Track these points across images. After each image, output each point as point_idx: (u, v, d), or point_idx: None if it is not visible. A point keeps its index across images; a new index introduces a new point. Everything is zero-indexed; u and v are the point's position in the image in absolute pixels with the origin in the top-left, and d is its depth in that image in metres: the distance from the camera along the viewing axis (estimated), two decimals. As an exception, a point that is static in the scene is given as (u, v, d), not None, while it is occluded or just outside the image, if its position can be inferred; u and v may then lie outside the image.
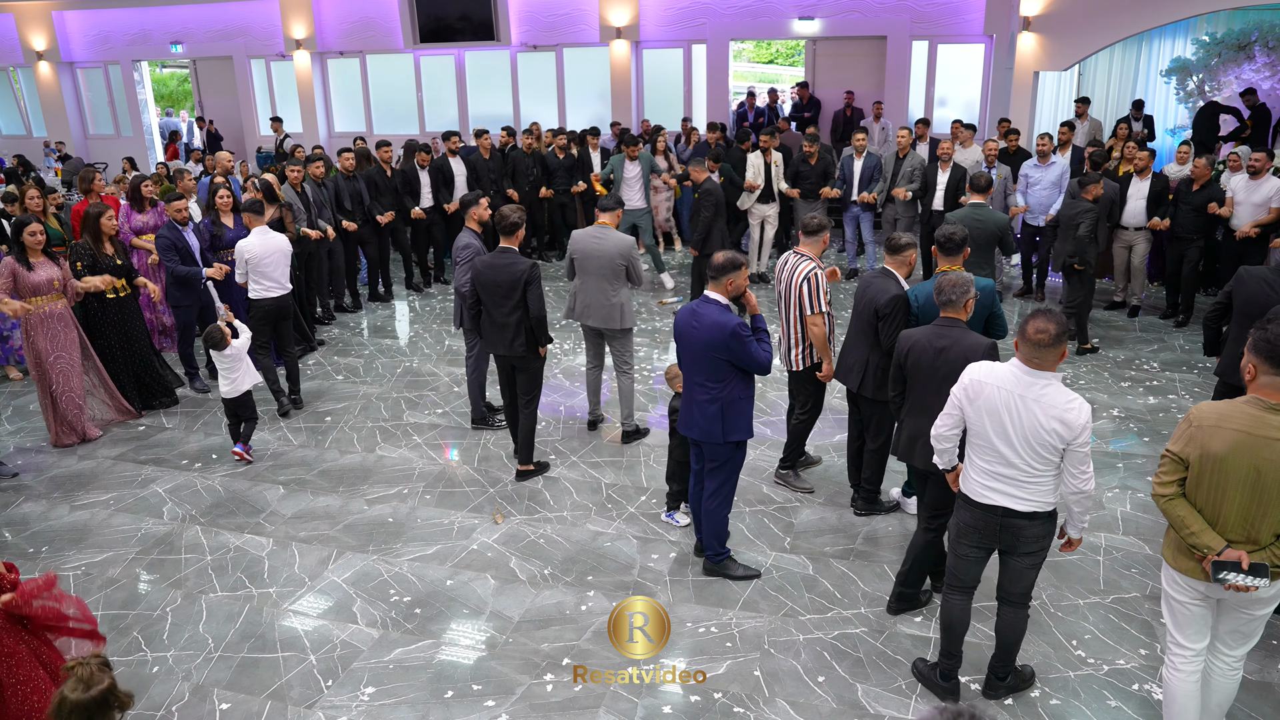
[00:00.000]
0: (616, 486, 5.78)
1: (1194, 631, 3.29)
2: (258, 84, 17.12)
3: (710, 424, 4.47)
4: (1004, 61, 12.61)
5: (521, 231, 5.76)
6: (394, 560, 5.04)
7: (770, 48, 23.14)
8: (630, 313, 6.24)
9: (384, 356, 8.38)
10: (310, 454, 6.41)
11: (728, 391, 4.43)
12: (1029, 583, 3.65)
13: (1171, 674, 3.36)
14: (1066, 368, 7.57)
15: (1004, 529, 3.54)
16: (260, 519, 5.54)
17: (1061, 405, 3.33)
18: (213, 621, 4.55)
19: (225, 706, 3.96)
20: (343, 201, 9.33)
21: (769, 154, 10.05)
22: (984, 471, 3.54)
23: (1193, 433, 3.11)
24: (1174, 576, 3.27)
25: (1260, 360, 3.04)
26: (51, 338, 6.51)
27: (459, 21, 15.16)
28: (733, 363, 4.38)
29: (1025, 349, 3.40)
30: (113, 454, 6.51)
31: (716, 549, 4.76)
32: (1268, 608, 3.20)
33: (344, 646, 4.33)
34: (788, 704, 3.87)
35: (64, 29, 17.51)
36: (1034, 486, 3.45)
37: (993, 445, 3.47)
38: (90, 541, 5.34)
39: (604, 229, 6.19)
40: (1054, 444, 3.35)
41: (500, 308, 5.66)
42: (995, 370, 3.51)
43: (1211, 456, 3.06)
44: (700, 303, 4.47)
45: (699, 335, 4.41)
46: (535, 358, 5.76)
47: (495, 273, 5.64)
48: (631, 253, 6.13)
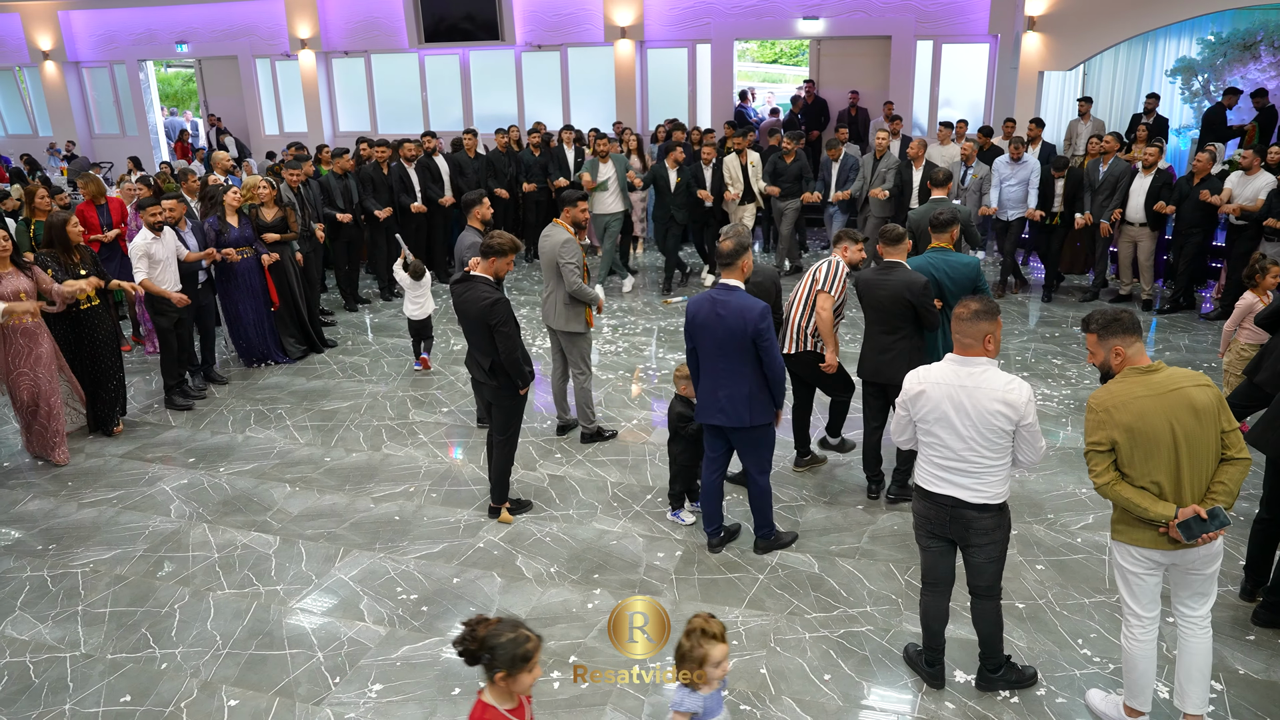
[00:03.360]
0: (622, 485, 5.79)
1: (1149, 600, 3.47)
2: (263, 84, 17.15)
3: (738, 409, 4.57)
4: (1009, 61, 12.61)
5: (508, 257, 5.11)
6: (401, 558, 5.06)
7: (774, 47, 23.13)
8: (576, 317, 6.06)
9: (389, 355, 8.40)
10: (316, 452, 6.43)
11: (755, 375, 4.54)
12: (990, 576, 3.72)
13: (1132, 644, 3.52)
14: (1072, 367, 7.59)
15: (954, 520, 3.63)
16: (267, 517, 5.56)
17: (1002, 387, 3.46)
18: (220, 619, 4.57)
19: (234, 703, 3.97)
20: (334, 199, 9.37)
21: (744, 155, 10.13)
22: (933, 463, 3.64)
23: (1104, 418, 3.29)
24: (1129, 551, 3.43)
25: (1121, 338, 3.34)
26: (14, 352, 6.14)
27: (464, 21, 15.19)
28: (756, 344, 4.46)
29: (956, 330, 3.55)
30: (120, 452, 6.54)
31: (770, 526, 4.93)
32: (1216, 563, 3.42)
33: (351, 644, 4.34)
34: (794, 701, 3.88)
35: (70, 29, 17.55)
36: (985, 477, 3.54)
37: (942, 441, 3.57)
38: (98, 539, 5.36)
39: (554, 228, 6.07)
40: (1003, 427, 3.46)
41: (474, 338, 5.14)
42: (930, 371, 3.63)
43: (1133, 430, 3.24)
44: (719, 291, 4.54)
45: (725, 322, 4.47)
46: (511, 395, 5.17)
47: (463, 303, 5.06)
48: (564, 251, 5.88)
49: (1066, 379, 7.35)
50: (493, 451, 5.35)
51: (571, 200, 6.09)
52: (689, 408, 5.09)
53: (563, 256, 5.91)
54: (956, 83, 13.83)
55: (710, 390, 4.65)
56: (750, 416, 4.59)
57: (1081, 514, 5.32)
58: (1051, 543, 5.03)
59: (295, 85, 16.77)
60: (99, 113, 18.50)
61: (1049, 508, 5.39)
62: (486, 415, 5.37)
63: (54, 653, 4.32)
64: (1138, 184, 8.84)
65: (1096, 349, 3.43)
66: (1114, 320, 3.35)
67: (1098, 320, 3.40)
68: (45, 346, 6.25)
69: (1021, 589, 4.57)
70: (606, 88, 15.02)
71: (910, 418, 3.69)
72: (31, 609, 4.68)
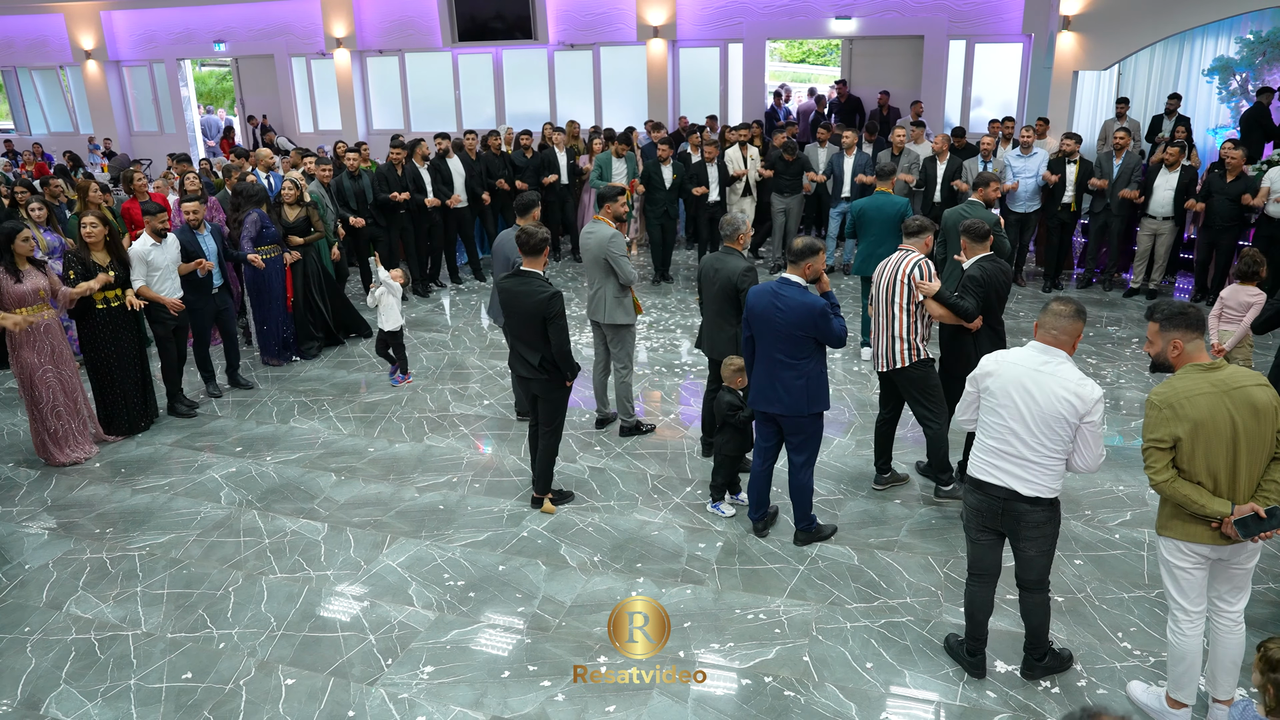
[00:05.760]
0: (662, 478, 5.88)
1: (1196, 595, 3.52)
2: (298, 82, 17.40)
3: (796, 399, 4.73)
4: (1042, 61, 12.57)
5: (547, 251, 5.29)
6: (446, 546, 5.17)
7: (802, 47, 23.13)
8: (623, 309, 6.23)
9: (427, 349, 8.53)
10: (360, 443, 6.56)
11: (811, 366, 4.72)
12: (1040, 570, 3.78)
13: (1180, 638, 3.56)
14: (1107, 367, 7.59)
15: (1006, 513, 3.69)
16: (314, 504, 5.70)
17: (1075, 380, 3.53)
18: (274, 601, 4.70)
19: (290, 682, 4.10)
20: (347, 200, 9.52)
21: (745, 148, 10.45)
22: (992, 451, 3.70)
23: (1168, 414, 3.33)
24: (1178, 546, 3.48)
25: (1181, 332, 3.40)
26: (39, 350, 6.19)
27: (497, 20, 15.34)
28: (815, 338, 4.66)
29: (1045, 321, 3.61)
30: (169, 441, 6.70)
31: (810, 518, 5.05)
32: (1255, 559, 3.49)
33: (402, 627, 4.46)
34: (837, 688, 3.95)
35: (111, 29, 17.90)
36: (1040, 469, 3.60)
37: (1006, 425, 3.63)
38: (153, 523, 5.52)
39: (596, 223, 6.24)
40: (1067, 418, 3.51)
41: (522, 333, 5.27)
42: (1009, 354, 3.72)
43: (1198, 424, 3.29)
44: (780, 284, 4.72)
45: (787, 315, 4.66)
46: (558, 388, 5.34)
47: (515, 299, 5.20)
48: (611, 247, 6.08)
49: (1101, 378, 7.35)
50: (537, 443, 5.46)
51: (612, 196, 6.28)
52: (738, 398, 5.25)
53: (612, 250, 6.08)
54: (989, 83, 13.80)
55: (767, 379, 4.80)
56: (807, 405, 4.74)
57: (1119, 511, 5.35)
58: (1090, 538, 5.06)
59: (330, 84, 17.00)
60: (138, 110, 18.84)
61: (1086, 504, 5.42)
62: (531, 408, 5.47)
63: (117, 631, 4.47)
64: (1162, 179, 9.00)
65: (1156, 339, 3.49)
66: (1179, 314, 3.40)
67: (1163, 311, 3.45)
68: (64, 347, 6.32)
69: (1061, 583, 4.62)
70: (638, 87, 15.12)
71: (977, 395, 3.77)
72: (93, 589, 4.84)
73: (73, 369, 6.41)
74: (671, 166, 10.21)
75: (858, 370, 7.68)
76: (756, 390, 4.89)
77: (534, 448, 5.55)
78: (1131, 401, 6.90)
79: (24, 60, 19.09)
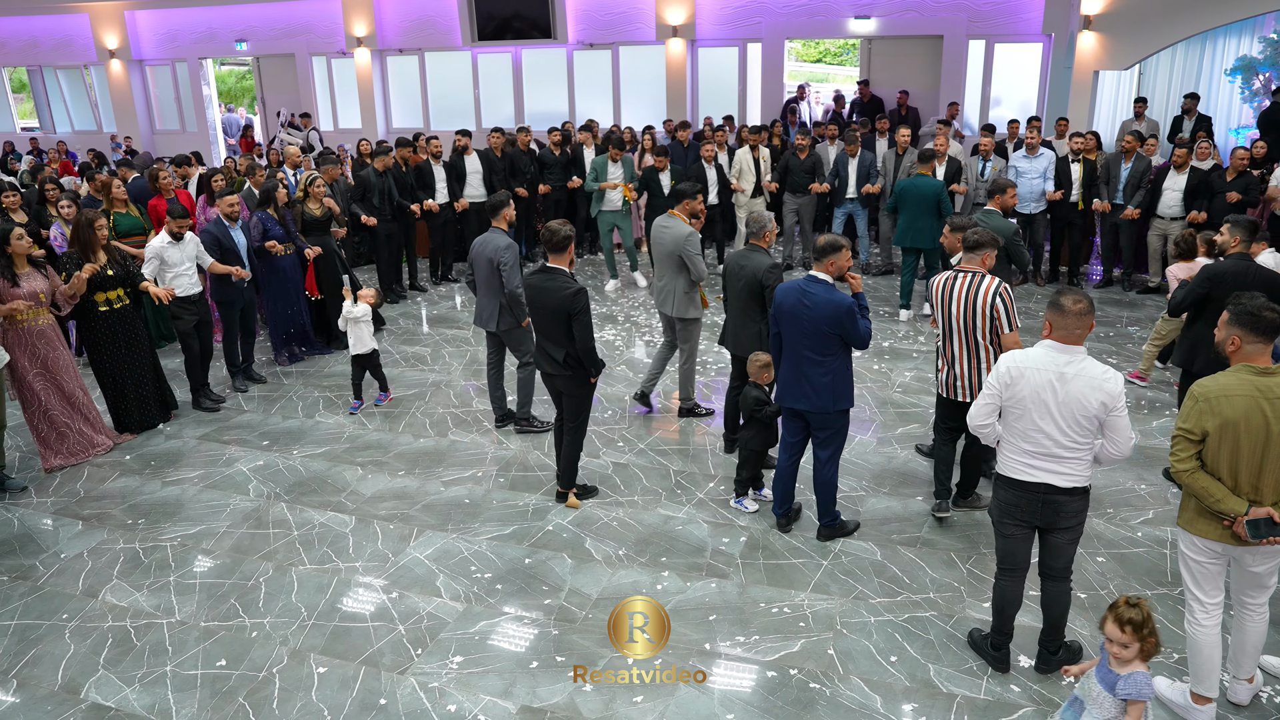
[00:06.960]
0: (684, 473, 5.93)
1: (1212, 586, 3.58)
2: (319, 81, 17.54)
3: (822, 395, 4.78)
4: (1062, 60, 12.55)
5: (571, 248, 5.32)
6: (473, 539, 5.24)
7: (819, 46, 23.13)
8: (692, 304, 6.40)
9: (449, 345, 8.61)
10: (385, 438, 6.64)
11: (837, 363, 4.77)
12: (1069, 557, 3.85)
13: (1197, 630, 3.63)
14: (1127, 367, 7.58)
15: (1045, 505, 3.74)
16: (341, 498, 5.77)
17: (1100, 376, 3.58)
18: (304, 592, 4.77)
19: (322, 670, 4.17)
20: (372, 197, 9.61)
21: (756, 150, 10.41)
22: (1025, 452, 3.73)
23: (1204, 407, 3.37)
24: (1192, 540, 3.56)
25: (1243, 331, 3.41)
26: (31, 355, 6.08)
27: (516, 20, 15.43)
28: (841, 336, 4.69)
29: (1061, 321, 3.63)
30: (197, 434, 6.80)
31: (834, 514, 5.09)
32: (1275, 560, 3.51)
33: (430, 618, 4.52)
34: (862, 681, 3.99)
35: (135, 28, 18.09)
36: (1075, 462, 3.66)
37: (1036, 426, 3.66)
38: (183, 515, 5.61)
39: (671, 219, 6.37)
40: (1096, 414, 3.57)
41: (548, 330, 5.33)
42: (1029, 355, 3.73)
43: (1230, 423, 3.32)
44: (807, 282, 4.77)
45: (813, 312, 4.70)
46: (583, 384, 5.38)
47: (541, 295, 5.27)
48: (686, 246, 6.22)
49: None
50: (563, 439, 5.52)
51: (691, 192, 6.39)
52: (764, 393, 5.32)
53: (688, 248, 6.21)
54: (1009, 83, 13.79)
55: (794, 375, 4.85)
56: (833, 401, 4.80)
57: (1141, 509, 5.36)
58: (1112, 536, 5.08)
59: (350, 82, 17.14)
60: (160, 109, 19.03)
61: (1108, 502, 5.44)
62: (556, 404, 5.54)
63: (151, 619, 4.56)
64: (1171, 180, 9.02)
65: (1223, 327, 3.51)
66: (1249, 314, 3.40)
67: (1242, 305, 3.44)
68: (61, 352, 6.23)
69: (1083, 579, 4.64)
70: (657, 86, 15.18)
71: (999, 399, 3.76)
72: (127, 578, 4.93)
73: (71, 374, 6.32)
74: (670, 173, 10.15)
75: (878, 369, 7.71)
76: (783, 386, 4.94)
77: (559, 443, 5.61)
78: (1153, 401, 6.90)
79: (49, 59, 19.31)
